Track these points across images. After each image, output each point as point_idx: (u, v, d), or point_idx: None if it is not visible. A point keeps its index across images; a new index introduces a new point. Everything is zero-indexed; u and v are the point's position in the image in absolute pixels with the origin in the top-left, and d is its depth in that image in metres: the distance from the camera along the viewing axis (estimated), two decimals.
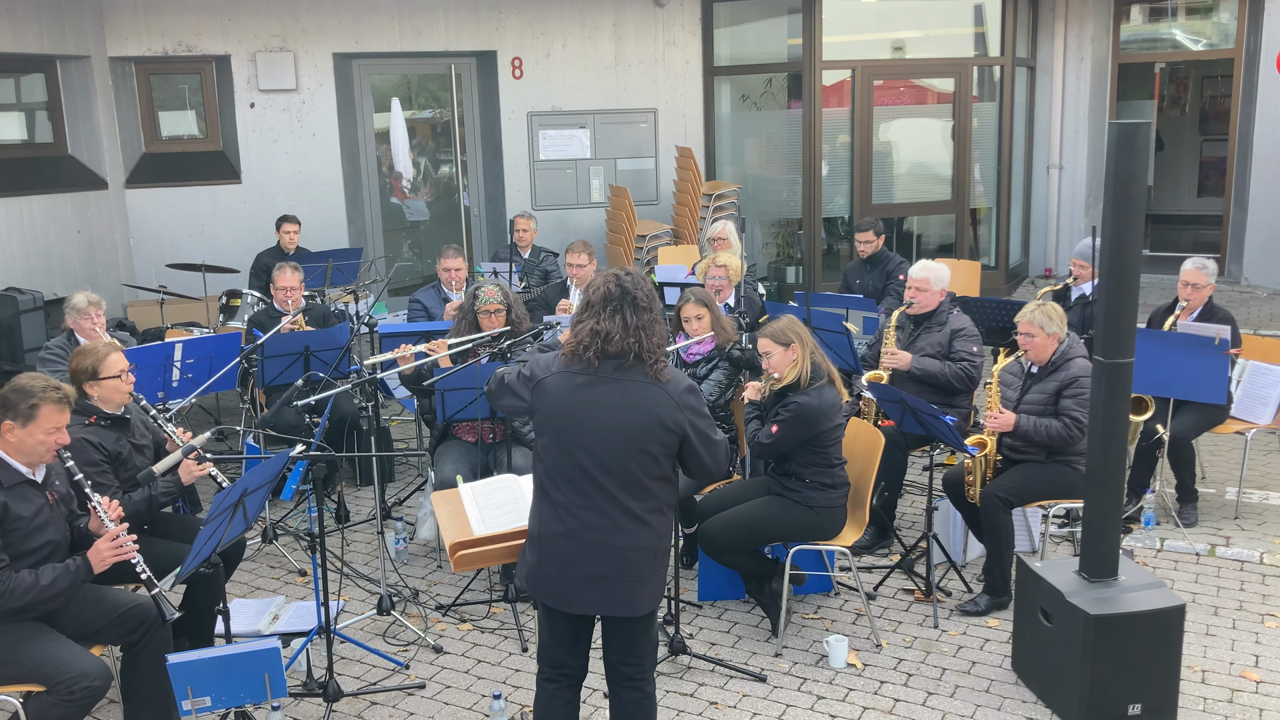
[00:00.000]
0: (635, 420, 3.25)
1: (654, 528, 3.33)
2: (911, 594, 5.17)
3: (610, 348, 3.27)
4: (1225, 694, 4.27)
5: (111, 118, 9.70)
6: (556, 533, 3.30)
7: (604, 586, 3.30)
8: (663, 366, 3.32)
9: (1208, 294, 5.96)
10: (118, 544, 3.72)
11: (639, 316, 3.28)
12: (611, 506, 3.26)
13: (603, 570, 3.28)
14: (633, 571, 3.31)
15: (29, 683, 3.59)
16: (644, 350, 3.28)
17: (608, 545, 3.27)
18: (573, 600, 3.34)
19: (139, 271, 9.87)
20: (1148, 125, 3.89)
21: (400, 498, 6.52)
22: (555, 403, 3.30)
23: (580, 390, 3.28)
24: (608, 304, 3.29)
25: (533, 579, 3.39)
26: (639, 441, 3.25)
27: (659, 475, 3.32)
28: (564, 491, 3.28)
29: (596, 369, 3.28)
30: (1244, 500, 6.08)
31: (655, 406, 3.26)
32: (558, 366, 3.35)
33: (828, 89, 10.84)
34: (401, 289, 10.70)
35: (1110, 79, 12.15)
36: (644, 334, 3.28)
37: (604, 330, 3.27)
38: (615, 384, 3.27)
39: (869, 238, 7.75)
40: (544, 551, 3.34)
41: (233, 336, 6.30)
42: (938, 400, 5.40)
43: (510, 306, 5.53)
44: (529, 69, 10.75)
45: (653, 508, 3.32)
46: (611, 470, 3.25)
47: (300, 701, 4.34)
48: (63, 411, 3.74)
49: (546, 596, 3.37)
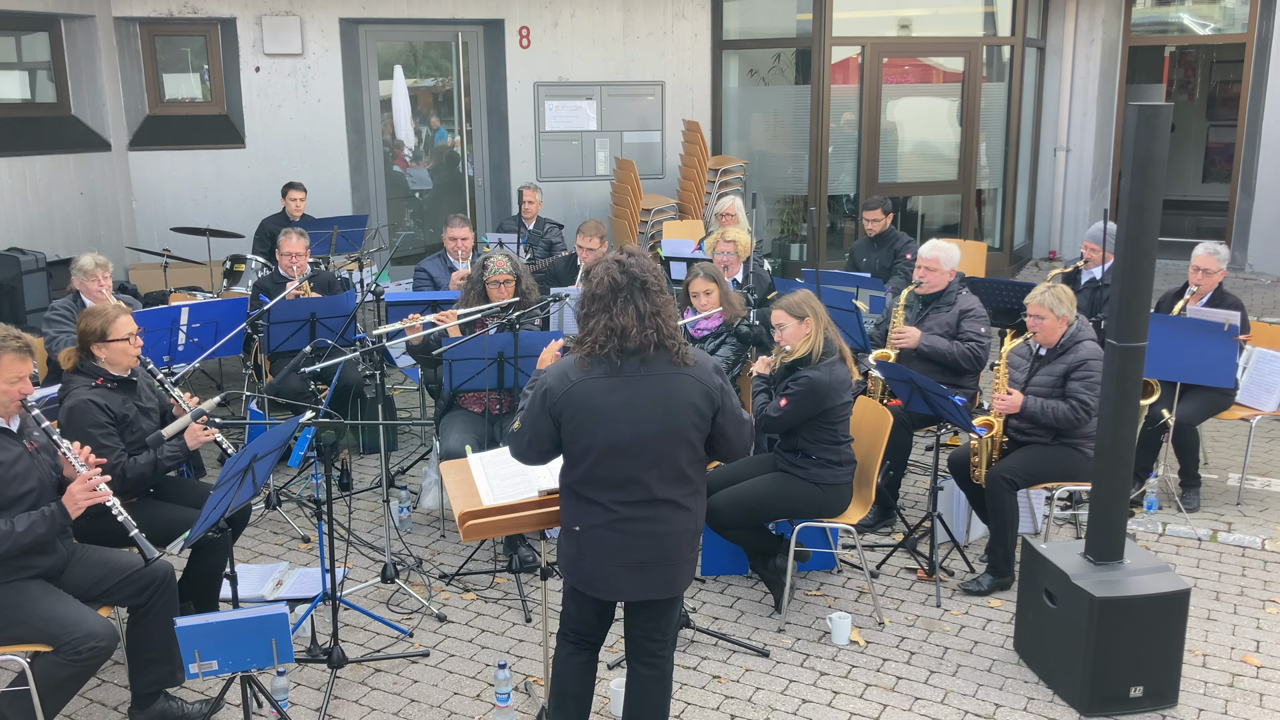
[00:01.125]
0: (672, 414, 3.15)
1: (693, 511, 3.30)
2: (914, 573, 5.19)
3: (629, 344, 3.11)
4: (1226, 678, 4.29)
5: (115, 79, 9.63)
6: (597, 524, 3.23)
7: (648, 573, 3.26)
8: (686, 350, 3.20)
9: (1218, 279, 5.94)
10: (90, 486, 3.68)
11: (652, 302, 3.13)
12: (654, 500, 3.20)
13: (647, 557, 3.23)
14: (676, 555, 3.28)
15: (36, 643, 3.59)
16: (664, 337, 3.15)
17: (653, 534, 3.22)
18: (617, 588, 3.29)
19: (141, 234, 9.83)
20: (1168, 108, 3.86)
21: (403, 466, 6.51)
22: (586, 412, 3.14)
23: (610, 394, 3.14)
24: (616, 295, 3.13)
25: (574, 570, 3.33)
26: (679, 433, 3.17)
27: (696, 459, 3.26)
28: (604, 493, 3.20)
29: (620, 369, 3.14)
30: (1246, 486, 6.10)
31: (689, 395, 3.17)
32: (577, 374, 3.16)
33: (836, 65, 10.78)
34: (404, 258, 10.66)
35: (1120, 62, 12.10)
36: (660, 319, 3.14)
37: (619, 326, 3.11)
38: (644, 380, 3.14)
39: (877, 216, 7.73)
40: (584, 543, 3.26)
41: (239, 301, 6.28)
42: (945, 380, 5.40)
43: (520, 277, 5.51)
44: (536, 39, 10.67)
45: (691, 492, 3.27)
46: (655, 467, 3.17)
47: (305, 667, 4.36)
48: (24, 360, 3.69)
49: (590, 587, 3.32)
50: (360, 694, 4.22)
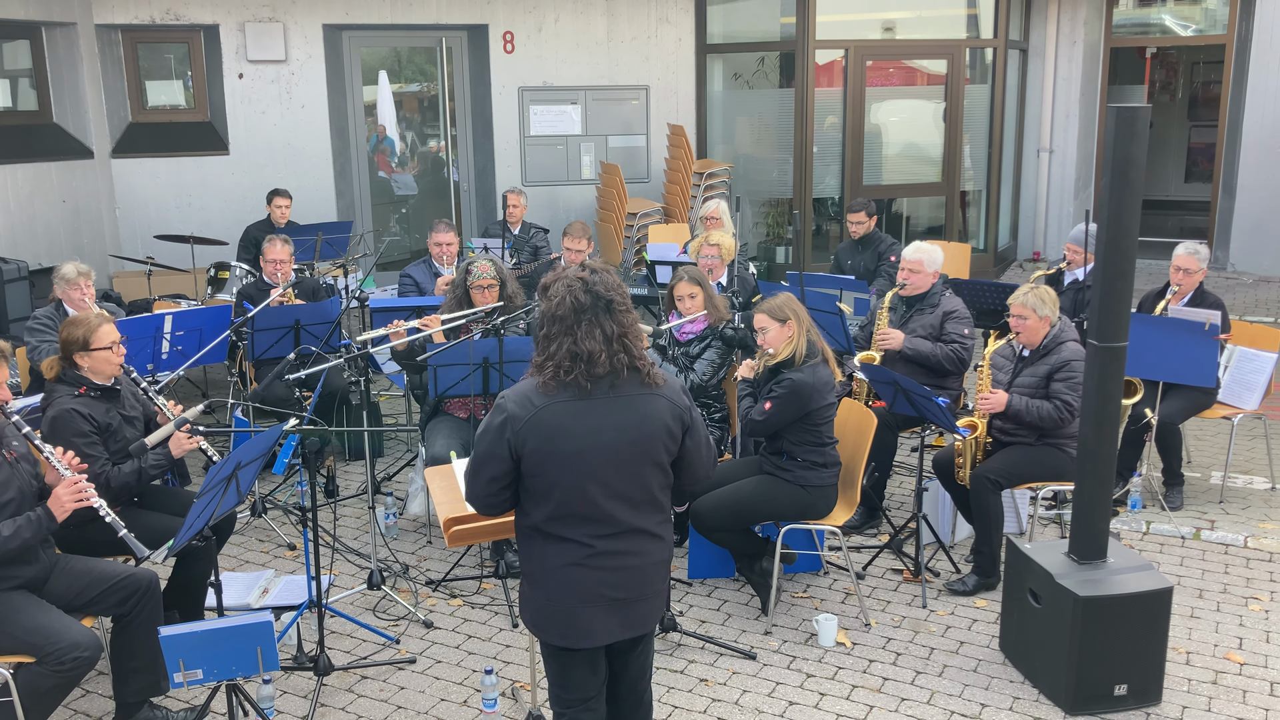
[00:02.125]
0: (643, 436, 2.95)
1: (665, 539, 3.12)
2: (900, 574, 5.20)
3: (597, 369, 2.88)
4: (1209, 675, 4.31)
5: (98, 86, 9.59)
6: (569, 562, 2.98)
7: (623, 610, 3.03)
8: (656, 370, 3.01)
9: (1199, 279, 5.98)
10: (77, 489, 3.67)
11: (618, 322, 2.90)
12: (626, 530, 2.99)
13: (621, 594, 3.01)
14: (651, 589, 3.09)
15: (19, 653, 3.58)
16: (634, 359, 2.94)
17: (626, 567, 3.01)
18: (593, 632, 3.02)
19: (125, 242, 9.79)
20: (1147, 110, 3.89)
21: (390, 473, 6.50)
22: (554, 437, 2.88)
23: (579, 419, 2.90)
24: (580, 317, 2.88)
25: (544, 621, 3.05)
26: (650, 456, 2.98)
27: (666, 484, 3.08)
28: (575, 528, 2.96)
29: (589, 391, 2.90)
30: (1229, 485, 6.14)
31: (660, 415, 2.97)
32: (540, 399, 2.91)
33: (820, 68, 10.81)
34: (390, 264, 10.64)
35: (1102, 63, 12.17)
36: (629, 340, 2.92)
37: (584, 351, 2.87)
38: (616, 402, 2.93)
39: (861, 219, 7.75)
40: (554, 586, 3.00)
41: (223, 309, 6.26)
42: (929, 382, 5.42)
43: (504, 282, 5.51)
44: (520, 43, 10.67)
45: (662, 519, 3.10)
46: (626, 494, 2.96)
47: (291, 675, 4.35)
48: (1, 367, 3.70)
49: (563, 637, 3.04)
50: (347, 701, 4.21)
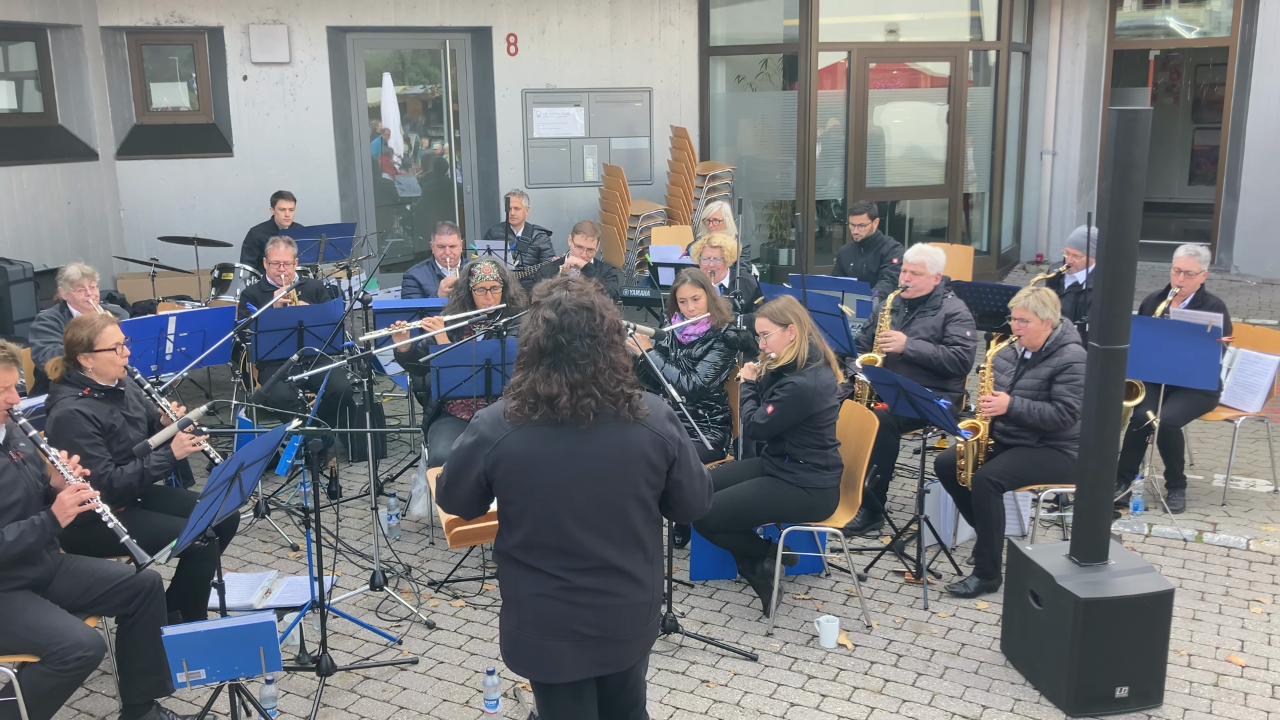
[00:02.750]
0: (622, 467, 2.77)
1: (647, 583, 2.90)
2: (902, 576, 5.21)
3: (559, 414, 2.72)
4: (1211, 678, 4.32)
5: (102, 88, 9.62)
6: (538, 593, 2.82)
7: (595, 648, 2.85)
8: (638, 403, 2.80)
9: (1200, 281, 5.98)
10: (80, 494, 3.69)
11: (581, 371, 2.70)
12: (602, 566, 2.81)
13: (594, 631, 2.83)
14: (628, 632, 2.89)
15: (23, 653, 3.59)
16: (606, 399, 2.74)
17: (599, 606, 2.82)
18: (560, 667, 2.85)
19: (129, 244, 9.82)
20: (1148, 112, 3.89)
21: (392, 474, 6.52)
22: (524, 463, 2.74)
23: (551, 445, 2.74)
24: (541, 360, 2.73)
25: (513, 651, 2.91)
26: (630, 489, 2.79)
27: (650, 519, 2.89)
28: (547, 560, 2.81)
29: (559, 422, 2.74)
30: (1231, 487, 6.14)
31: (640, 446, 2.79)
32: (510, 424, 2.77)
33: (823, 71, 10.82)
34: (393, 265, 10.67)
35: (1105, 65, 12.16)
36: (597, 385, 2.72)
37: (545, 394, 2.71)
38: (589, 433, 2.75)
39: (863, 221, 7.76)
40: (524, 614, 2.85)
41: (226, 310, 6.28)
42: (930, 384, 5.42)
43: (506, 284, 5.52)
44: (524, 46, 10.69)
45: (643, 559, 2.88)
46: (602, 528, 2.79)
47: (293, 675, 4.36)
48: (9, 369, 3.69)
49: (529, 669, 2.90)
50: (349, 701, 4.22)
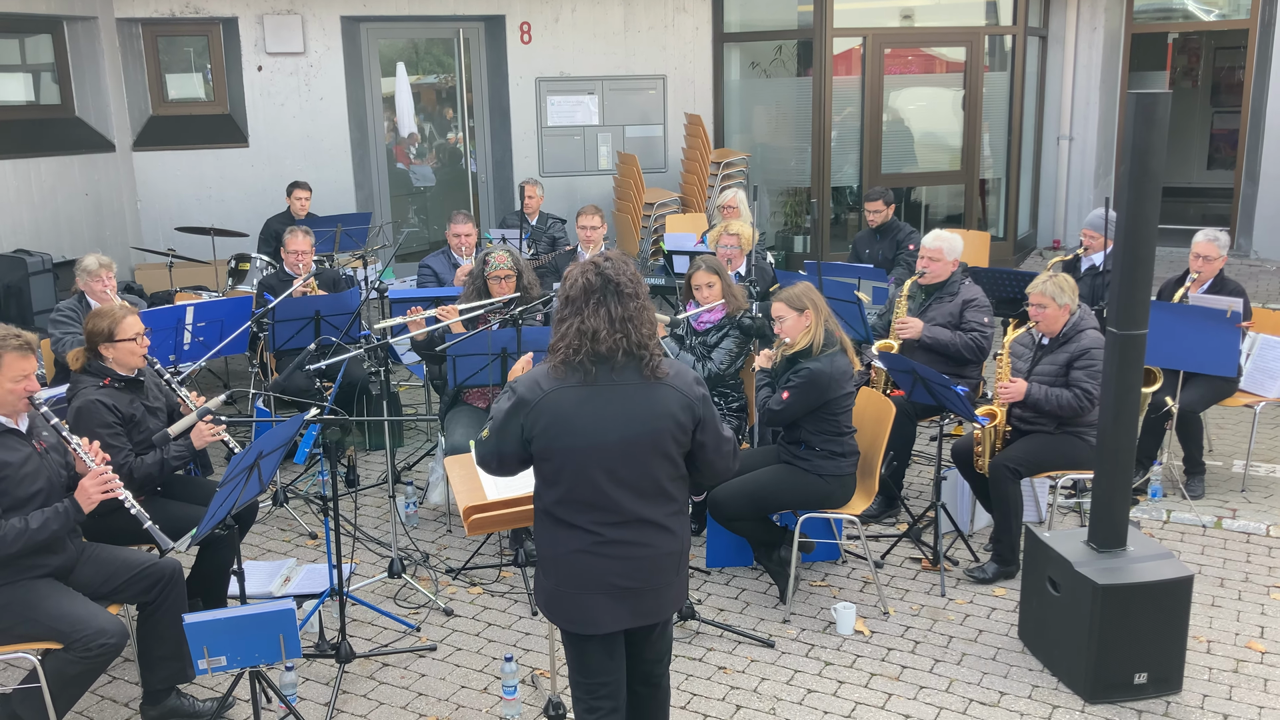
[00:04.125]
0: (650, 425, 3.00)
1: (676, 532, 3.13)
2: (919, 563, 5.20)
3: (599, 347, 2.97)
4: (1230, 664, 4.30)
5: (118, 79, 9.65)
6: (575, 549, 3.05)
7: (631, 599, 3.08)
8: (658, 363, 3.04)
9: (1219, 266, 5.94)
10: (103, 481, 3.71)
11: (624, 306, 3.00)
12: (634, 519, 3.03)
13: (628, 583, 3.06)
14: (660, 580, 3.12)
15: (46, 640, 3.63)
16: (632, 344, 3.00)
17: (632, 557, 3.05)
18: (598, 620, 3.08)
19: (146, 234, 9.86)
20: (1167, 96, 3.86)
21: (410, 462, 6.54)
22: (560, 421, 2.98)
23: (584, 404, 2.98)
24: (589, 296, 3.00)
25: (553, 606, 3.15)
26: (656, 445, 3.02)
27: (677, 475, 3.11)
28: (582, 514, 3.03)
29: (594, 377, 2.99)
30: (1251, 473, 6.10)
31: (666, 405, 3.02)
32: (550, 383, 3.01)
33: (838, 57, 10.77)
34: (408, 255, 10.69)
35: (1123, 49, 12.06)
36: (631, 325, 3.00)
37: (590, 329, 2.97)
38: (619, 389, 3.00)
39: (879, 207, 7.73)
40: (563, 571, 3.08)
41: (243, 300, 6.31)
42: (948, 370, 5.41)
43: (521, 272, 5.53)
44: (537, 34, 10.67)
45: (673, 511, 3.11)
46: (632, 483, 3.01)
47: (313, 662, 4.39)
48: (27, 358, 3.70)
49: (571, 623, 3.12)
50: (368, 688, 4.25)
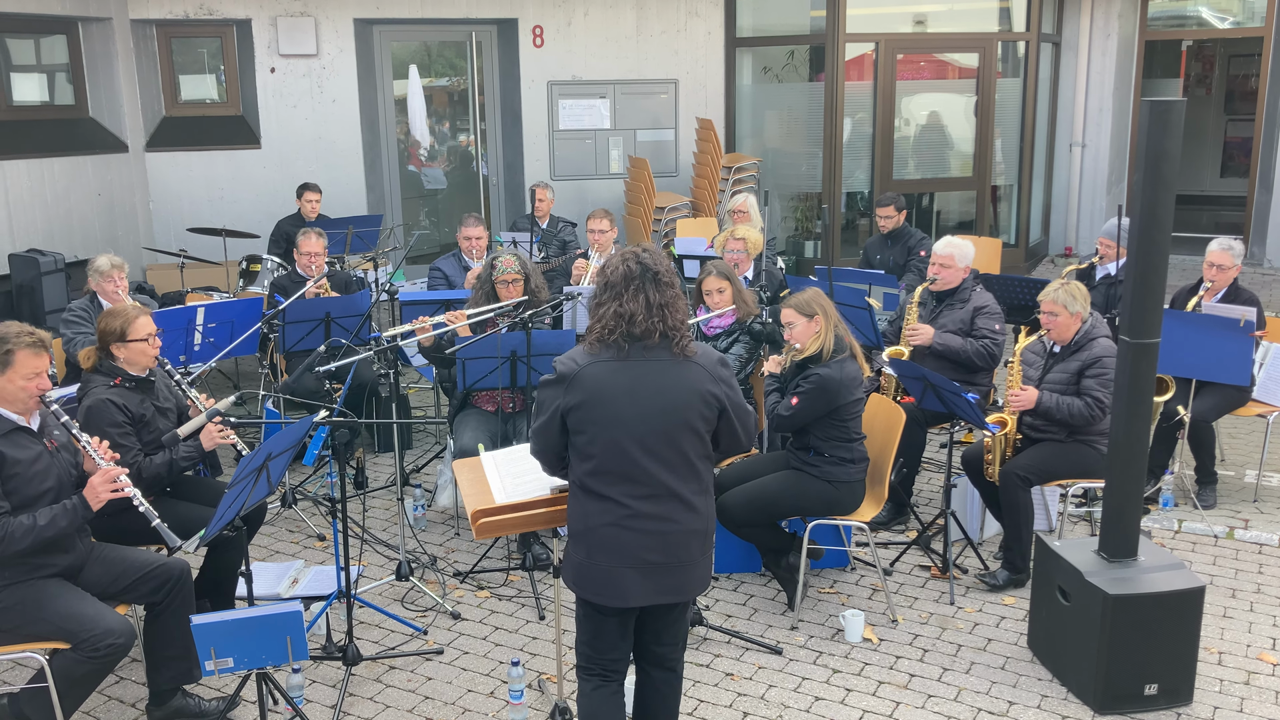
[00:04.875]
0: (679, 398, 3.18)
1: (701, 511, 3.27)
2: (928, 570, 5.18)
3: (635, 329, 3.18)
4: (1242, 676, 4.27)
5: (132, 80, 9.70)
6: (606, 523, 3.20)
7: (658, 575, 3.21)
8: (688, 342, 3.26)
9: (1233, 275, 5.91)
10: (112, 479, 3.71)
11: (661, 293, 3.21)
12: (663, 492, 3.18)
13: (657, 558, 3.20)
14: (687, 556, 3.25)
15: (54, 640, 3.63)
16: (669, 328, 3.21)
17: (661, 532, 3.19)
18: (628, 593, 3.22)
19: (159, 235, 9.90)
20: (1181, 103, 3.84)
21: (418, 465, 6.54)
22: (595, 394, 3.17)
23: (616, 376, 3.18)
24: (629, 283, 3.21)
25: (582, 578, 3.26)
26: (686, 419, 3.19)
27: (704, 453, 3.27)
28: (614, 486, 3.19)
29: (627, 353, 3.19)
30: (1263, 483, 6.06)
31: (694, 382, 3.21)
32: (585, 358, 3.23)
33: (850, 62, 10.75)
34: (419, 257, 10.70)
35: (1137, 56, 12.02)
36: (667, 311, 3.21)
37: (628, 312, 3.19)
38: (649, 365, 3.19)
39: (890, 213, 7.71)
40: (594, 544, 3.22)
41: (254, 301, 6.32)
42: (958, 377, 5.38)
43: (528, 276, 5.52)
44: (550, 38, 10.68)
45: (699, 489, 3.26)
46: (662, 455, 3.17)
47: (320, 664, 4.39)
48: (39, 356, 3.71)
49: (599, 594, 3.24)
50: (375, 691, 4.25)
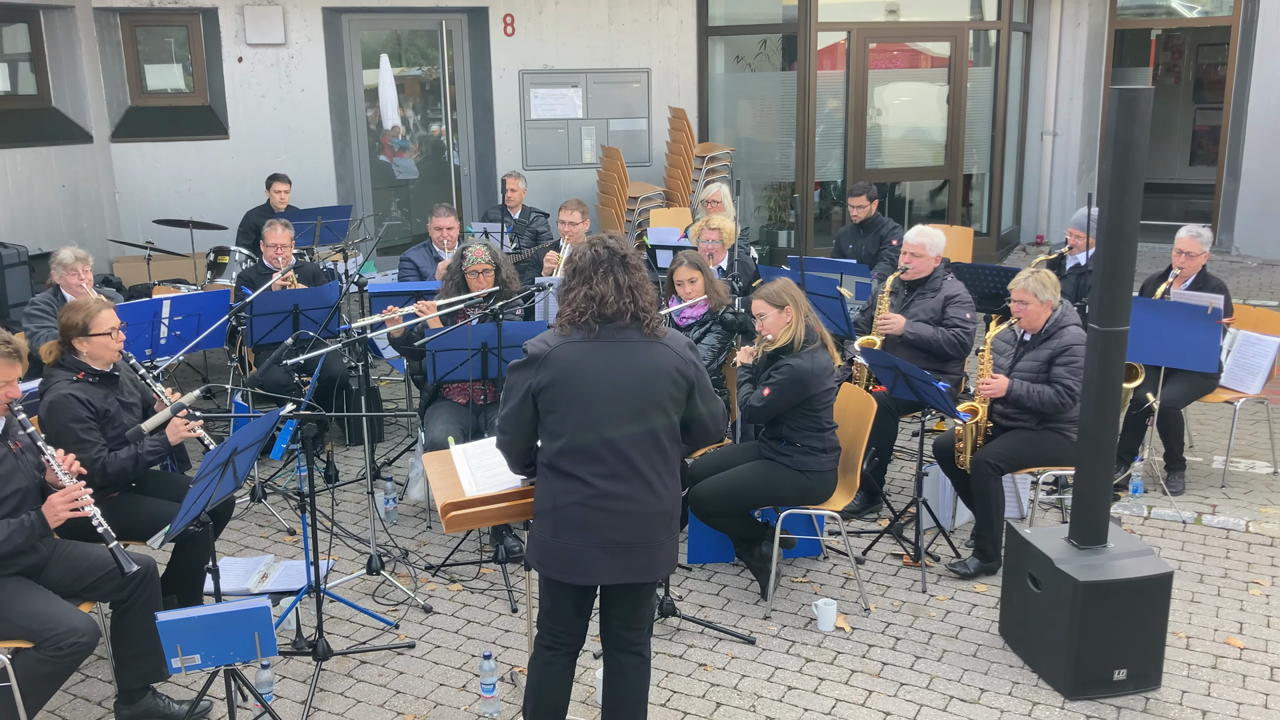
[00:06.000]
0: (648, 377, 3.23)
1: (667, 493, 3.31)
2: (900, 559, 5.20)
3: (606, 310, 3.23)
4: (1209, 660, 4.31)
5: (96, 70, 9.56)
6: (573, 502, 3.23)
7: (623, 554, 3.25)
8: (658, 324, 3.31)
9: (1201, 262, 5.95)
10: (72, 499, 3.66)
11: (630, 276, 3.26)
12: (630, 473, 3.22)
13: (623, 537, 3.23)
14: (652, 537, 3.28)
15: (17, 639, 3.58)
16: (640, 309, 3.26)
17: (628, 513, 3.23)
18: (593, 572, 3.26)
19: (125, 227, 9.77)
20: (1150, 92, 3.85)
21: (389, 458, 6.50)
22: (566, 372, 3.21)
23: (588, 356, 3.22)
24: (598, 266, 3.25)
25: (548, 556, 3.30)
26: (655, 398, 3.23)
27: (673, 434, 3.31)
28: (582, 465, 3.22)
29: (598, 334, 3.23)
30: (1230, 469, 6.12)
31: (663, 361, 3.26)
32: (556, 339, 3.26)
33: (822, 51, 10.74)
34: (390, 248, 10.62)
35: (1106, 45, 12.08)
36: (637, 293, 3.26)
37: (598, 294, 3.23)
38: (619, 345, 3.24)
39: (862, 203, 7.71)
40: (560, 523, 3.25)
41: (221, 294, 6.24)
42: (930, 366, 5.39)
43: (499, 266, 5.49)
44: (521, 26, 10.61)
45: (666, 470, 3.30)
46: (631, 433, 3.21)
47: (290, 660, 4.35)
48: (13, 365, 3.68)
49: (565, 574, 3.29)
50: (346, 686, 4.21)
